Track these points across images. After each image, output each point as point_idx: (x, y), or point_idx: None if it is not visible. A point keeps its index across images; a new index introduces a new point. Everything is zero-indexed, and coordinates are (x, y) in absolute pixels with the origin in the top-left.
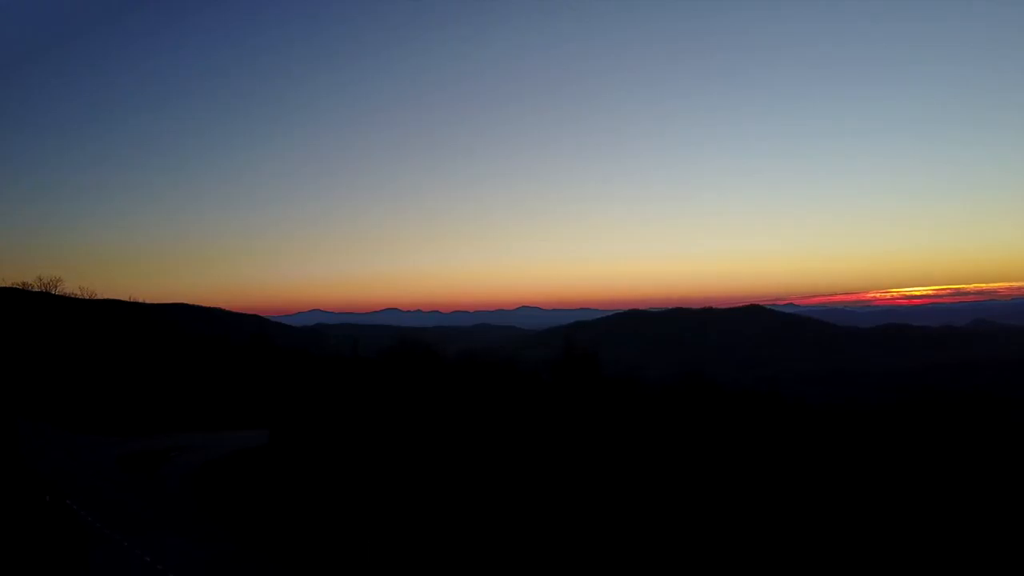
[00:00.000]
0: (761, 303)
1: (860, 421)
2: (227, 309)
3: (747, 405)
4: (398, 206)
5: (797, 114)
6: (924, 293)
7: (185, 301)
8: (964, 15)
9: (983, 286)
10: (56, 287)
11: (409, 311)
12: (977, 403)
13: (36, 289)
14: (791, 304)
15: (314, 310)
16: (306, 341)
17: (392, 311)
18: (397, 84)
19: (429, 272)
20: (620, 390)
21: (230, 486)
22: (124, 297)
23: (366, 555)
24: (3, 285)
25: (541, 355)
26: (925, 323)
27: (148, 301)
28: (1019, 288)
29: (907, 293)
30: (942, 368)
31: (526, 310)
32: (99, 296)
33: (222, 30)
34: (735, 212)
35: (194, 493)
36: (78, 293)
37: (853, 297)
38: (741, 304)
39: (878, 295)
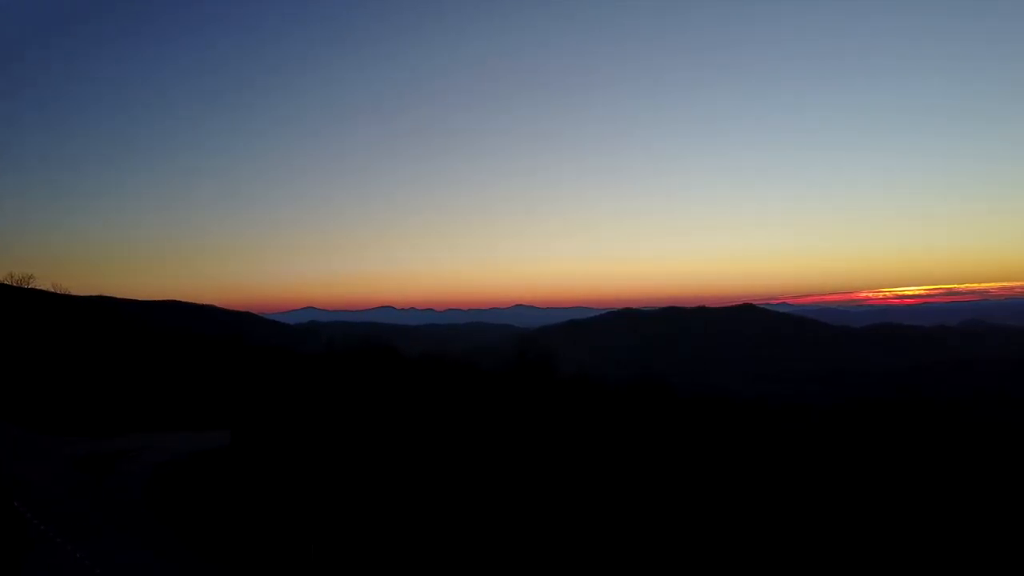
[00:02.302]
0: (755, 302)
1: (830, 421)
2: (220, 307)
3: (695, 406)
4: (395, 205)
5: (792, 115)
6: (917, 293)
7: (178, 298)
8: (960, 16)
9: (976, 286)
10: (28, 283)
11: (403, 309)
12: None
13: (10, 284)
14: (784, 303)
15: (308, 307)
16: (296, 339)
17: (386, 309)
18: (394, 82)
19: (425, 270)
20: (572, 392)
21: (186, 488)
22: (114, 295)
23: (308, 557)
24: None
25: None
26: (918, 323)
27: (139, 298)
28: (1011, 288)
29: (900, 293)
30: (935, 368)
31: (521, 308)
32: (75, 293)
33: (212, 24)
34: (729, 212)
35: (148, 495)
36: (51, 290)
37: (846, 297)
38: (735, 303)
39: (871, 295)
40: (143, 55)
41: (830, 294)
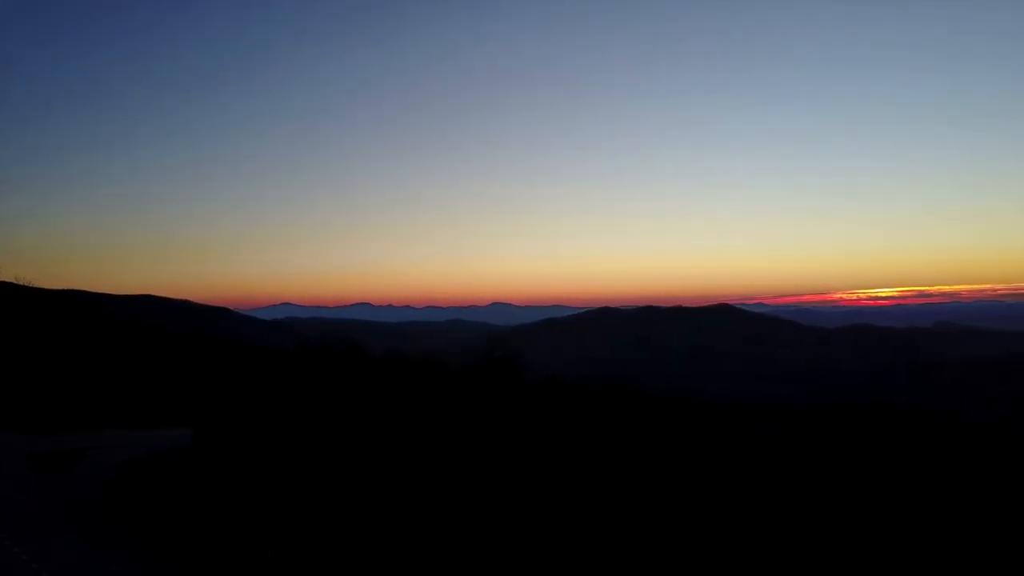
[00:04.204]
0: (731, 302)
1: (797, 421)
2: (195, 302)
3: (669, 407)
4: (374, 202)
5: (769, 117)
6: (889, 295)
7: (153, 293)
8: (936, 19)
9: (946, 288)
10: None
11: (381, 306)
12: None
13: None
14: (761, 303)
15: (285, 304)
16: (271, 335)
17: (363, 306)
18: (373, 79)
19: (403, 268)
20: (539, 393)
21: (145, 488)
22: (88, 289)
23: (265, 560)
24: None
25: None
26: (890, 324)
27: (114, 293)
28: (980, 291)
29: (873, 294)
30: (908, 368)
31: (499, 306)
32: (44, 286)
33: (191, 12)
34: (707, 213)
35: (106, 495)
36: (14, 282)
37: (820, 297)
38: (712, 303)
39: (845, 296)
40: (117, 44)
41: (805, 295)
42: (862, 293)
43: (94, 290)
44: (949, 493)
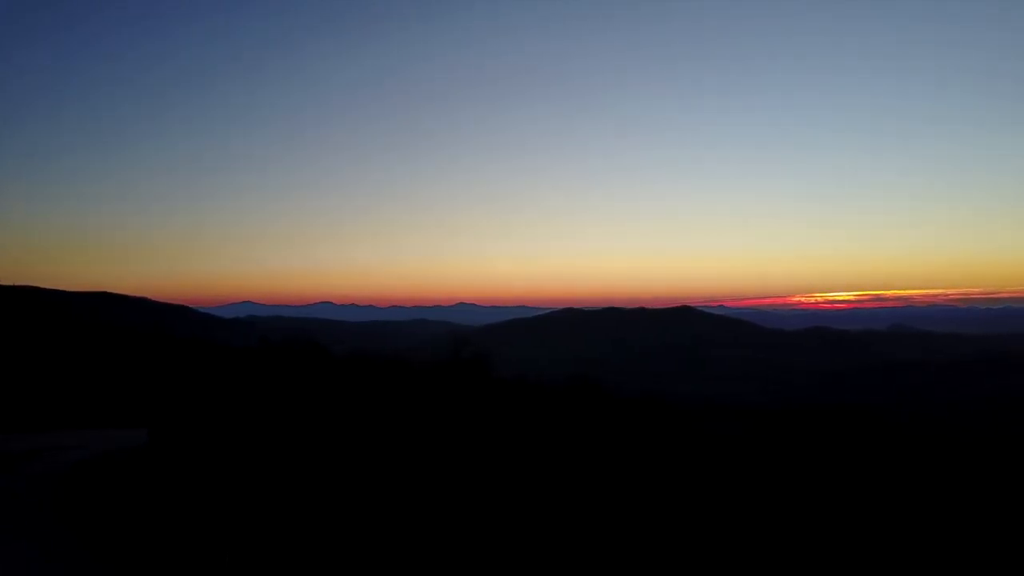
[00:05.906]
0: (693, 304)
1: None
2: (153, 299)
3: (633, 407)
4: (337, 201)
5: (732, 123)
6: (846, 298)
7: (110, 290)
8: (903, 27)
9: (901, 293)
10: None
11: (343, 305)
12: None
13: None
14: (722, 306)
15: (246, 302)
16: (230, 333)
17: (326, 305)
18: (337, 78)
19: (367, 267)
20: (507, 393)
21: (97, 491)
22: (40, 284)
23: (222, 566)
24: None
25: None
26: (846, 327)
27: (67, 289)
28: (934, 295)
29: (831, 298)
30: (863, 370)
31: (464, 306)
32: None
33: (158, 11)
34: (667, 216)
35: (54, 498)
36: None
37: (780, 300)
38: (673, 305)
39: (803, 299)
40: (97, 42)
41: (765, 297)
42: (819, 296)
43: (48, 287)
44: (926, 491)
